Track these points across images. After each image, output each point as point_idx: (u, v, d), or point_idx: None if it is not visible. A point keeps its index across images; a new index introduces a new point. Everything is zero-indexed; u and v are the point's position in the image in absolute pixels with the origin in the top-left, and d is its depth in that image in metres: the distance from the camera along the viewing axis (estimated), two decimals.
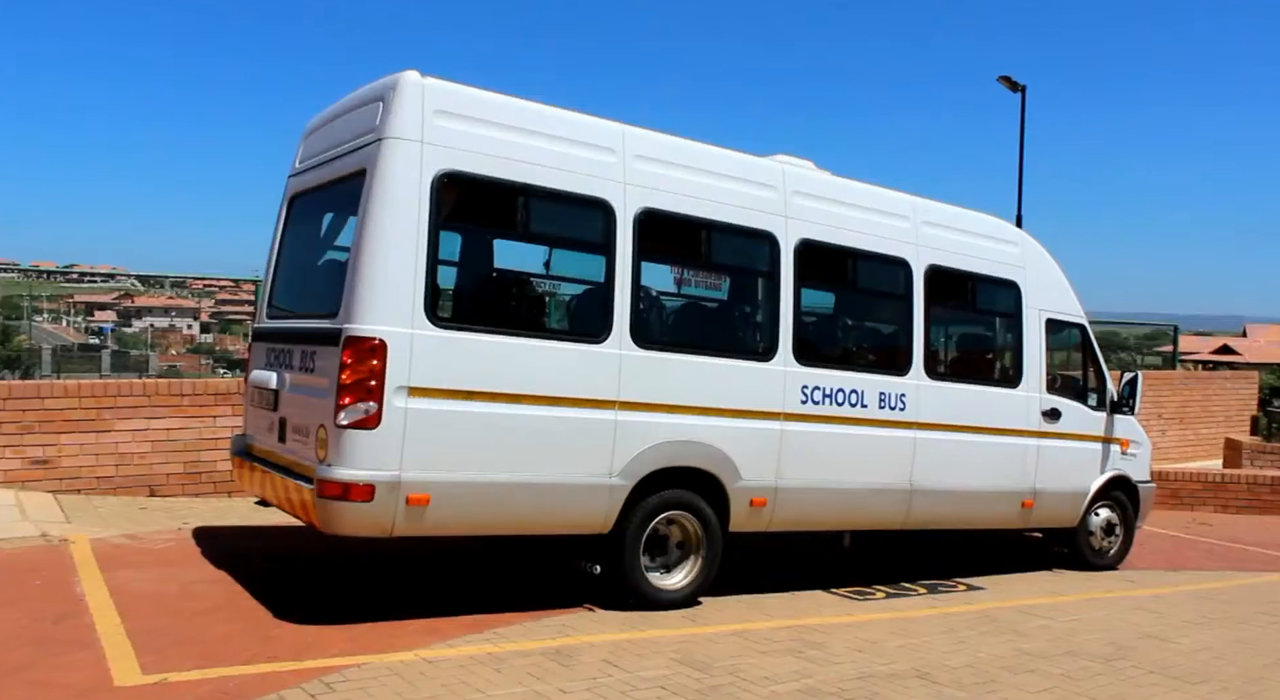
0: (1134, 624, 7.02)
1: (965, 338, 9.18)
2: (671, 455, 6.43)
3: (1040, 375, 8.68)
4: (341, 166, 6.15)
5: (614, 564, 6.32)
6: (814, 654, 5.71)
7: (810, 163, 7.73)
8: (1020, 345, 8.64)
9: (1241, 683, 5.70)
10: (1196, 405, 21.46)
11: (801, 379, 7.06)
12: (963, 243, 8.27)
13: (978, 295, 8.58)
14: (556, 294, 6.99)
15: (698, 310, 7.37)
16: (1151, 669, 5.86)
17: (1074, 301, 9.23)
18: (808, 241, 7.20)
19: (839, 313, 8.09)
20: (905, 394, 7.64)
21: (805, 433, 7.06)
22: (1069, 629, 6.74)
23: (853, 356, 7.94)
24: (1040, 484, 8.60)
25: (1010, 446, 8.43)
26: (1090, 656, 6.05)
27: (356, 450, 5.40)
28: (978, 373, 8.89)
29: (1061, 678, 5.56)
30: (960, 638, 6.32)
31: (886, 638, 6.19)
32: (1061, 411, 8.76)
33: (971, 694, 5.17)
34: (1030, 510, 8.61)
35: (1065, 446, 8.81)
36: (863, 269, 7.73)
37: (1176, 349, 25.84)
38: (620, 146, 6.43)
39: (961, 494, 8.10)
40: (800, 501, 7.09)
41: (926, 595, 7.62)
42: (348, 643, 5.30)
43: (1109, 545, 9.33)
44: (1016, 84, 23.72)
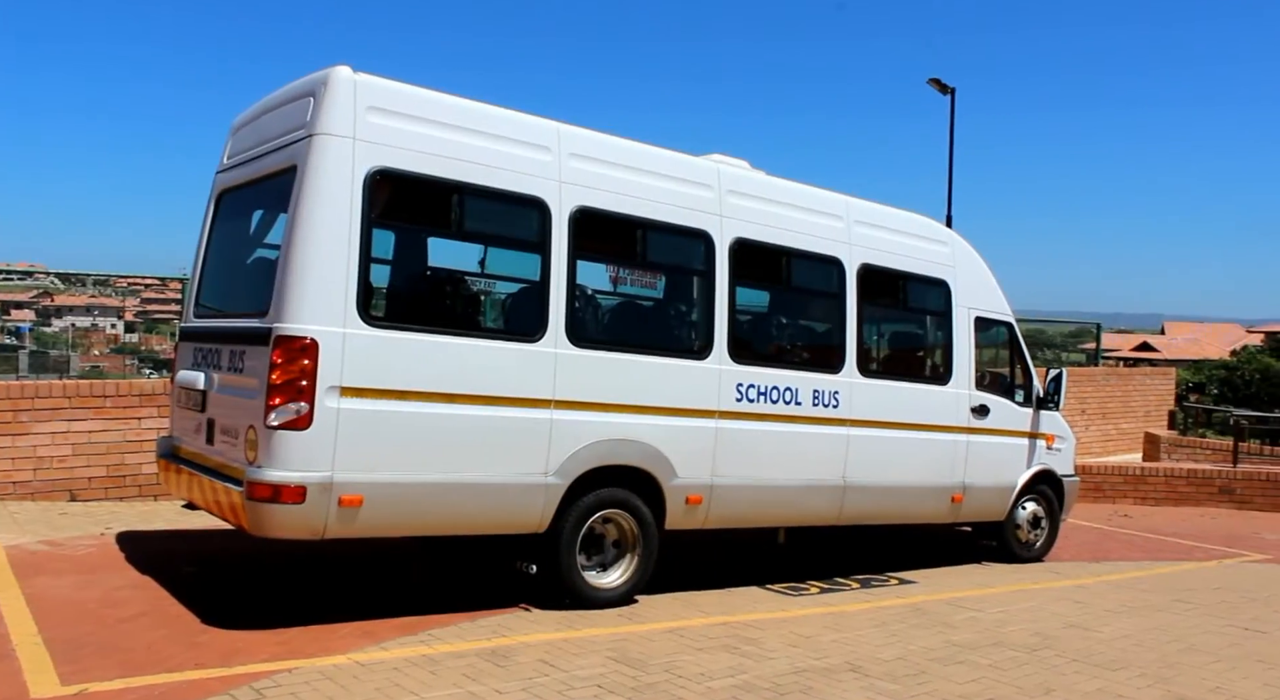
0: (1058, 614, 7.20)
1: (897, 336, 9.34)
2: (607, 454, 6.43)
3: (969, 372, 8.86)
4: (271, 163, 6.04)
5: (550, 563, 6.30)
6: (749, 650, 5.76)
7: (745, 162, 7.79)
8: (950, 343, 8.81)
9: (1158, 668, 5.88)
10: (1118, 401, 22.10)
11: (736, 377, 7.11)
12: (894, 242, 8.41)
13: (909, 294, 8.73)
14: (492, 293, 6.95)
15: (633, 309, 7.38)
16: (1075, 657, 6.02)
17: (1002, 300, 9.44)
18: (742, 240, 7.25)
19: (773, 311, 8.16)
20: (839, 391, 7.74)
21: (740, 430, 7.11)
22: (997, 620, 6.89)
23: (787, 354, 8.02)
24: (970, 479, 8.78)
25: (941, 442, 8.59)
26: (1017, 647, 6.19)
27: (287, 451, 5.31)
28: (909, 370, 9.05)
29: (989, 668, 5.69)
30: (892, 631, 6.43)
31: (820, 632, 6.27)
32: (990, 408, 8.95)
33: (903, 686, 5.26)
34: (960, 505, 8.78)
35: (993, 442, 9.01)
36: (797, 268, 7.82)
37: (1099, 346, 26.58)
38: (556, 145, 6.41)
39: (894, 489, 8.24)
40: (736, 499, 7.15)
41: (859, 589, 7.73)
42: (278, 647, 5.20)
43: (1035, 538, 9.56)
44: (946, 87, 24.18)
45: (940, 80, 24.15)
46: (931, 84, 24.28)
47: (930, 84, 24.30)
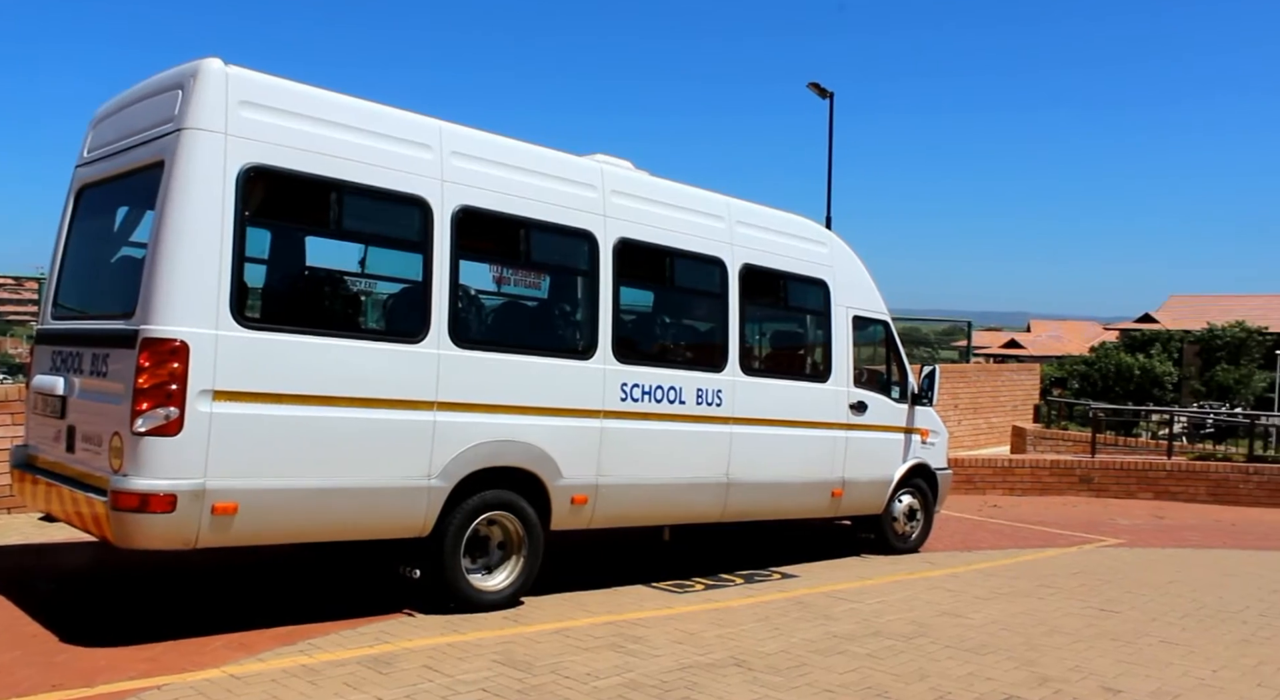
0: (932, 603, 7.47)
1: (778, 335, 9.54)
2: (491, 455, 6.38)
3: (848, 370, 9.11)
4: (137, 157, 5.78)
5: (434, 567, 6.22)
6: (635, 648, 5.79)
7: (629, 163, 7.83)
8: (829, 341, 9.03)
9: (1024, 650, 6.16)
10: (987, 396, 23.05)
11: (621, 377, 7.15)
12: (775, 242, 8.58)
13: (789, 293, 8.92)
14: (373, 293, 6.80)
15: (518, 309, 7.34)
16: (948, 644, 6.26)
17: (878, 299, 9.73)
18: (626, 241, 7.29)
19: (657, 311, 8.23)
20: (722, 390, 7.86)
21: (625, 430, 7.15)
22: (875, 611, 7.11)
23: (671, 354, 8.10)
24: (849, 474, 9.02)
25: (821, 439, 8.81)
26: (894, 636, 6.40)
27: (155, 458, 5.10)
28: (790, 368, 9.25)
29: (867, 657, 5.86)
30: (775, 625, 6.56)
31: (705, 628, 6.36)
32: (868, 404, 9.22)
33: (785, 678, 5.37)
34: (840, 499, 9.02)
35: (871, 437, 9.28)
36: (680, 268, 7.90)
37: (970, 344, 27.71)
38: (438, 143, 6.32)
39: (776, 485, 8.41)
40: (621, 498, 7.18)
41: (743, 585, 7.87)
42: (146, 664, 4.99)
43: (911, 530, 9.89)
44: (825, 91, 24.78)
45: (819, 84, 24.75)
46: (811, 88, 24.85)
47: (810, 88, 24.87)
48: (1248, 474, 15.24)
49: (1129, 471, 15.33)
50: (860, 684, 5.33)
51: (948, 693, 5.24)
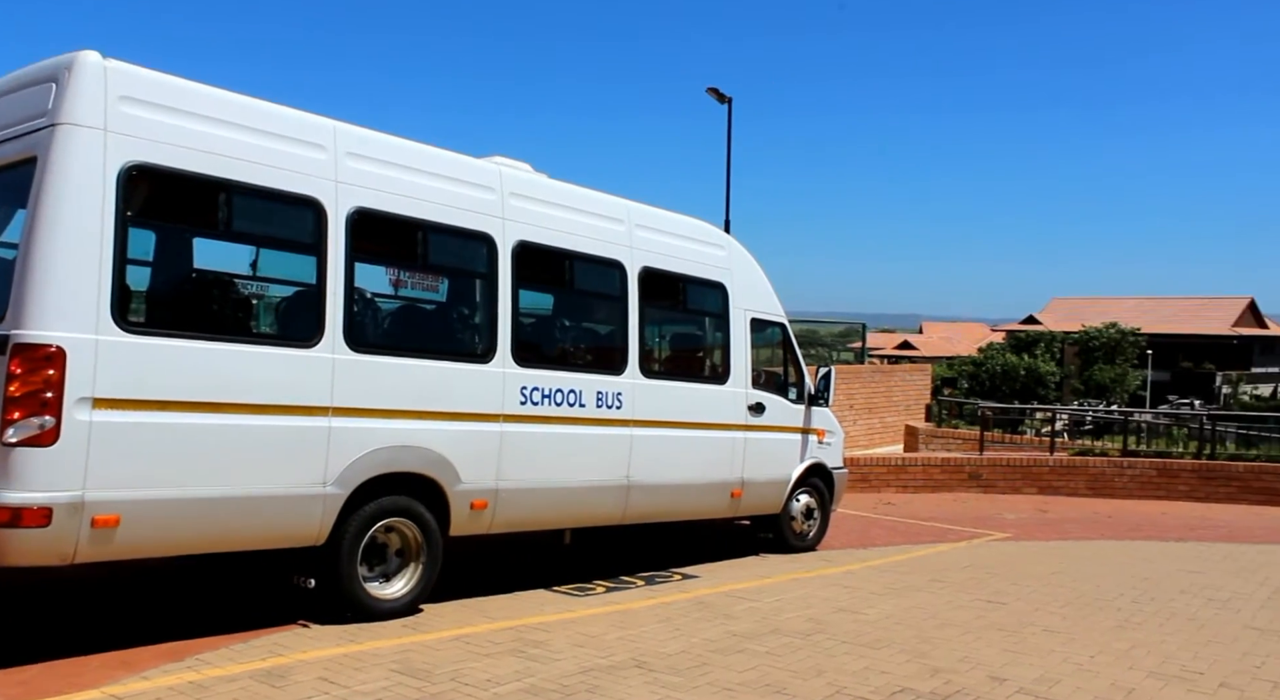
0: (829, 599, 7.63)
1: (677, 337, 9.61)
2: (388, 461, 6.28)
3: (746, 372, 9.24)
4: (6, 152, 5.50)
5: (330, 576, 6.08)
6: (536, 652, 5.77)
7: (527, 165, 7.80)
8: (728, 344, 9.15)
9: (916, 643, 6.35)
10: (881, 396, 23.66)
11: (520, 380, 7.11)
12: (674, 246, 8.65)
13: (688, 296, 9.00)
14: (264, 296, 6.62)
15: (415, 312, 7.24)
16: (844, 639, 6.40)
17: (775, 302, 9.89)
18: (525, 243, 7.26)
19: (557, 314, 8.22)
20: (622, 393, 7.88)
21: (525, 433, 7.12)
22: (774, 609, 7.22)
23: (571, 357, 8.09)
24: (748, 474, 9.15)
25: (720, 440, 8.91)
26: (792, 633, 6.51)
27: (29, 470, 4.86)
28: (689, 370, 9.34)
29: (766, 655, 5.95)
30: (676, 626, 6.61)
31: (606, 631, 6.37)
32: (766, 405, 9.36)
33: (686, 678, 5.42)
34: (739, 499, 9.14)
35: (769, 438, 9.43)
36: (579, 271, 7.90)
37: (865, 345, 28.40)
38: (332, 143, 6.20)
39: (676, 487, 8.47)
40: (521, 502, 7.14)
41: (644, 587, 7.90)
42: (18, 688, 4.75)
43: (809, 528, 10.08)
44: (724, 96, 25.07)
45: (718, 89, 25.04)
46: (710, 93, 25.13)
47: (709, 93, 25.15)
48: (1122, 468, 15.99)
49: (1015, 468, 15.91)
50: (759, 681, 5.41)
51: (843, 687, 5.36)
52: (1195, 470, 15.91)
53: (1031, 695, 5.36)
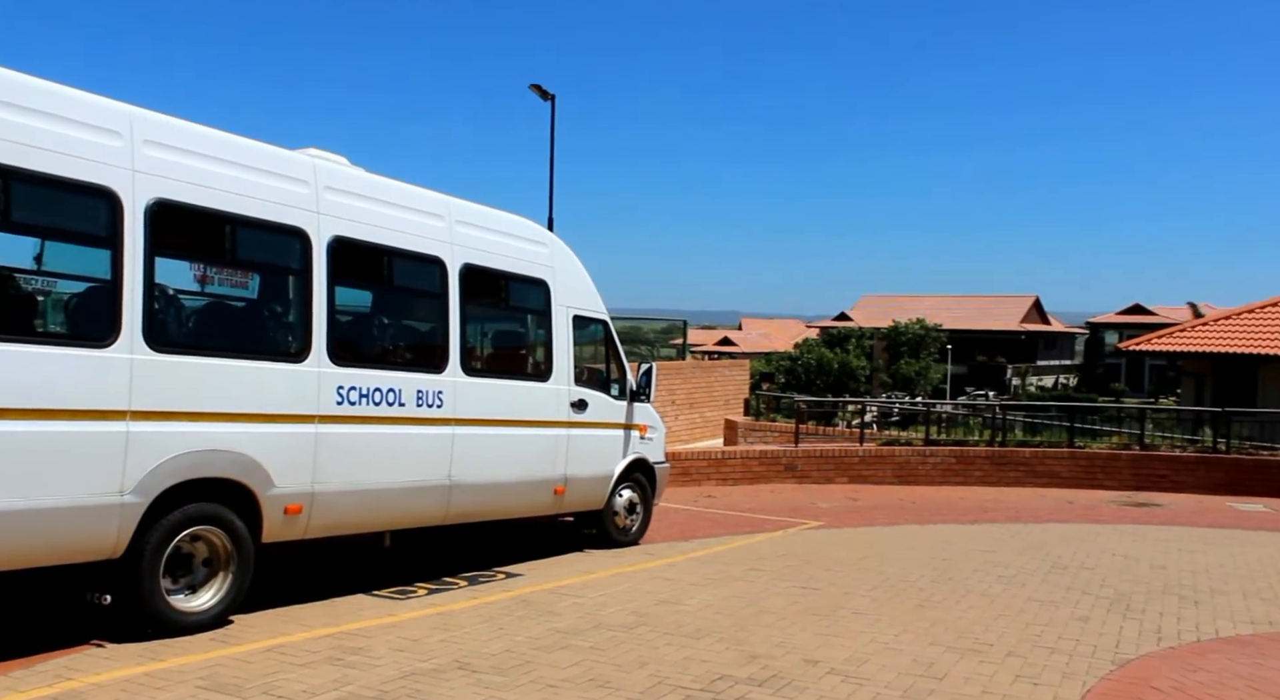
0: (652, 593, 7.76)
1: (499, 335, 9.55)
2: (194, 466, 5.96)
3: (569, 369, 9.27)
4: None
5: (129, 591, 5.72)
6: (354, 659, 5.61)
7: (344, 158, 7.57)
8: (550, 341, 9.15)
9: (734, 631, 6.55)
10: (702, 391, 24.23)
11: (337, 380, 6.89)
12: (496, 243, 8.58)
13: (510, 294, 8.96)
14: (52, 293, 6.15)
15: (223, 310, 6.90)
16: (666, 631, 6.53)
17: (598, 299, 9.97)
18: (341, 239, 7.04)
19: (375, 312, 8.01)
20: (443, 391, 7.76)
21: (342, 434, 6.91)
22: (597, 604, 7.29)
23: (390, 355, 7.91)
24: (571, 471, 9.18)
25: (543, 437, 8.91)
26: (615, 627, 6.59)
27: None
28: (512, 368, 9.29)
29: (590, 650, 6.00)
30: (499, 625, 6.57)
31: (428, 634, 6.26)
32: (588, 402, 9.42)
33: (509, 677, 5.40)
34: (563, 496, 9.17)
35: (592, 435, 9.50)
36: (399, 267, 7.73)
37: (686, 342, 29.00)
38: (129, 130, 5.82)
39: (499, 485, 8.42)
40: (339, 505, 6.93)
41: (467, 587, 7.82)
42: None
43: (632, 523, 10.21)
44: (547, 93, 25.05)
45: (541, 86, 24.99)
46: (534, 90, 25.05)
47: (532, 90, 25.07)
48: (925, 456, 16.97)
49: (828, 458, 16.62)
50: (583, 677, 5.45)
51: (665, 678, 5.47)
52: (989, 457, 17.07)
53: (841, 675, 5.62)
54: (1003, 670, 5.81)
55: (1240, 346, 25.17)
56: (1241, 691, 5.52)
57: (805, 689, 5.35)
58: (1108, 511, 13.95)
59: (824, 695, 5.25)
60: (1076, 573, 9.02)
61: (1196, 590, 8.42)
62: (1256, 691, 5.53)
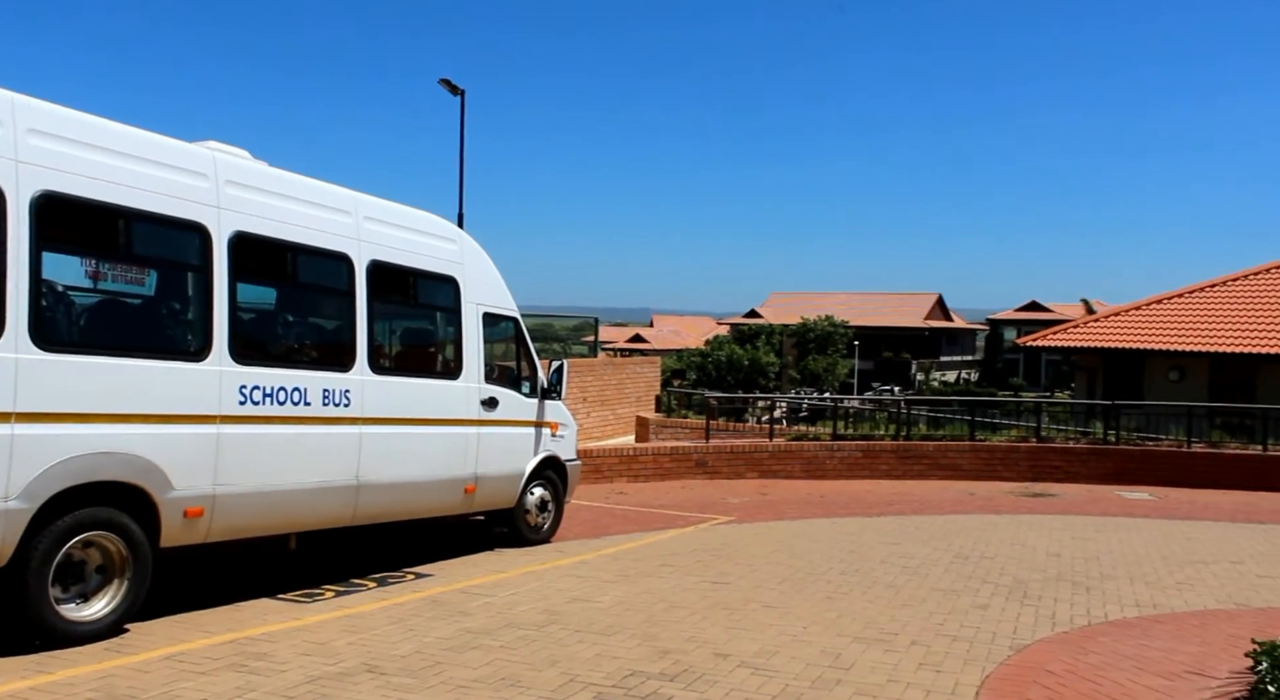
0: (564, 590, 7.75)
1: (408, 332, 9.42)
2: (86, 469, 5.73)
3: (479, 366, 9.19)
4: None
5: (14, 601, 5.48)
6: (258, 665, 5.47)
7: (245, 151, 7.37)
8: (460, 338, 9.06)
9: (646, 627, 6.58)
10: (613, 388, 24.27)
11: (239, 379, 6.71)
12: (404, 239, 8.45)
13: (419, 291, 8.84)
14: None
15: (118, 307, 6.64)
16: (578, 628, 6.52)
17: (508, 296, 9.91)
18: (243, 234, 6.85)
19: (280, 309, 7.81)
20: (350, 390, 7.62)
21: (244, 435, 6.73)
22: (509, 603, 7.24)
23: (295, 354, 7.73)
24: (482, 469, 9.11)
25: (453, 436, 8.82)
26: (527, 626, 6.56)
27: None
28: (421, 366, 9.18)
29: (502, 650, 5.96)
30: (409, 626, 6.48)
31: (336, 637, 6.14)
32: (499, 400, 9.36)
33: (419, 679, 5.33)
34: (473, 495, 9.09)
35: (503, 433, 9.44)
36: (304, 264, 7.57)
37: (597, 338, 29.02)
38: (10, 118, 5.56)
39: (408, 485, 8.30)
40: (241, 508, 6.75)
41: (376, 589, 7.69)
42: None
43: (543, 521, 10.18)
44: (456, 88, 24.77)
45: (450, 81, 24.69)
46: (443, 84, 24.74)
47: (441, 84, 24.75)
48: (832, 451, 17.30)
49: (738, 454, 16.81)
50: (494, 676, 5.42)
51: (576, 676, 5.47)
52: (894, 450, 17.49)
53: (751, 667, 5.70)
54: (907, 659, 5.96)
55: (1128, 342, 26.29)
56: (1128, 671, 5.76)
57: (715, 682, 5.41)
58: (1006, 502, 14.42)
59: (734, 688, 5.32)
60: (977, 562, 9.30)
61: (1088, 576, 8.76)
62: (1141, 670, 5.78)
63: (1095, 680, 5.57)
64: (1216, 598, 8.05)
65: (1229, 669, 5.73)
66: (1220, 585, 8.55)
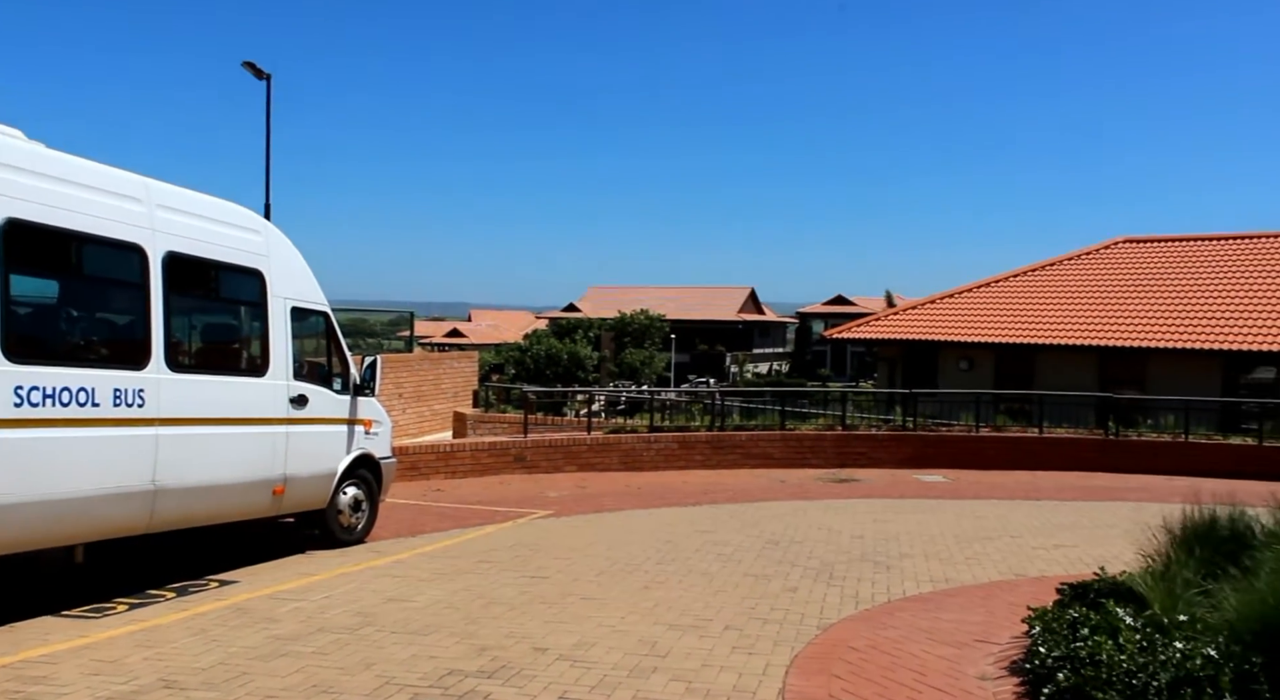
0: (378, 591, 7.56)
1: (210, 328, 8.93)
2: None
3: (287, 363, 8.83)
4: None
5: None
6: (37, 690, 5.07)
7: (19, 131, 6.80)
8: (267, 334, 8.68)
9: (464, 624, 6.51)
10: (430, 384, 23.85)
11: (15, 379, 6.19)
12: (204, 229, 8.01)
13: (221, 284, 8.41)
14: None
15: None
16: (393, 629, 6.38)
17: (318, 290, 9.56)
18: (17, 222, 6.32)
19: (63, 303, 7.25)
20: (144, 389, 7.17)
21: (21, 440, 6.21)
22: (320, 607, 7.00)
23: (81, 351, 7.19)
24: (291, 470, 8.76)
25: (260, 436, 8.44)
26: (340, 629, 6.36)
27: None
28: (224, 363, 8.73)
29: (313, 655, 5.76)
30: (212, 637, 6.16)
31: (129, 653, 5.77)
32: (309, 397, 9.02)
33: (222, 692, 5.08)
34: (282, 497, 8.73)
35: (313, 431, 9.11)
36: (89, 255, 7.06)
37: (413, 333, 28.41)
38: None
39: (211, 488, 7.88)
40: (19, 518, 6.23)
41: (175, 599, 7.27)
42: None
43: (357, 521, 9.89)
44: (262, 72, 23.65)
45: (255, 64, 23.56)
46: (246, 67, 23.58)
47: (245, 67, 23.59)
48: (650, 443, 17.59)
49: (556, 448, 16.84)
50: (305, 684, 5.23)
51: (392, 677, 5.35)
52: (709, 441, 17.96)
53: (570, 660, 5.73)
54: (721, 643, 6.15)
55: (924, 334, 27.99)
56: (922, 642, 6.15)
57: (534, 677, 5.41)
58: (815, 488, 15.08)
59: (552, 681, 5.34)
60: (788, 547, 9.69)
61: (888, 556, 9.28)
62: (934, 641, 6.18)
63: (893, 653, 5.91)
64: (1000, 570, 8.70)
65: (1009, 635, 6.20)
66: (1003, 558, 9.24)
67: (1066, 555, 9.41)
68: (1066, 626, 5.28)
